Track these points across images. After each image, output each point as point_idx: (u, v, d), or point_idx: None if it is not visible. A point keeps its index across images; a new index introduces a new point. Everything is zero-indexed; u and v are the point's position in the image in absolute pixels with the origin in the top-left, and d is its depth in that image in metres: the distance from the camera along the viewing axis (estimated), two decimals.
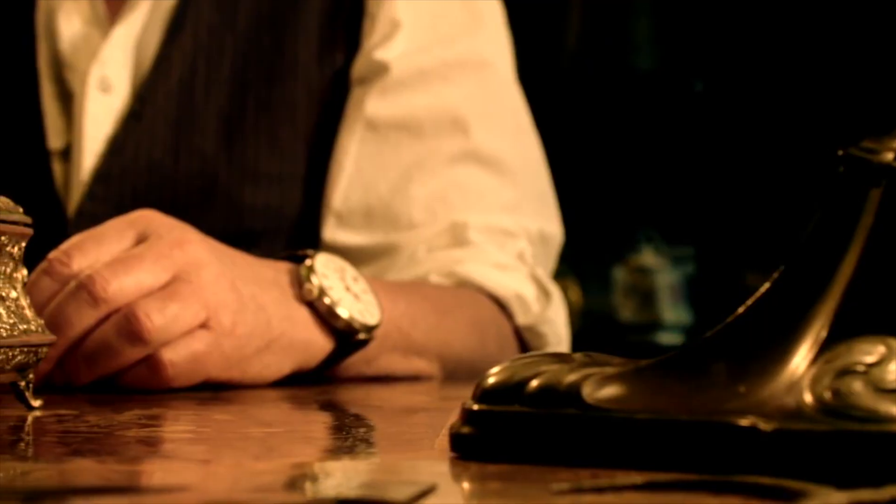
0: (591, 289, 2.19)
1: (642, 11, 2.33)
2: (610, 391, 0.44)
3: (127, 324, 0.77)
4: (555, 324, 1.07)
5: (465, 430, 0.46)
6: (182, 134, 1.07)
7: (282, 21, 1.09)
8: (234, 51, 1.08)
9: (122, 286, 0.78)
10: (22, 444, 0.57)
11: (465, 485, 0.39)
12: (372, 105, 1.08)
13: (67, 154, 1.08)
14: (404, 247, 1.06)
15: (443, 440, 0.54)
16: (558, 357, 0.46)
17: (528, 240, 1.09)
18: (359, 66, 1.09)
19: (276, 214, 1.08)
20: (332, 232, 1.07)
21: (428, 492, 0.38)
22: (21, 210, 0.66)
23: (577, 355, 0.46)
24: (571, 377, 0.44)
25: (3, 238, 0.63)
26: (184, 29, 1.07)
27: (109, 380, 0.80)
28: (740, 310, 0.44)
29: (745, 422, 0.41)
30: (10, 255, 0.65)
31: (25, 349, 0.63)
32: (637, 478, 0.38)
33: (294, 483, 0.40)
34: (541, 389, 0.44)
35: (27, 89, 1.08)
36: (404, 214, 1.07)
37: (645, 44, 2.33)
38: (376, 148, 1.08)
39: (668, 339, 2.20)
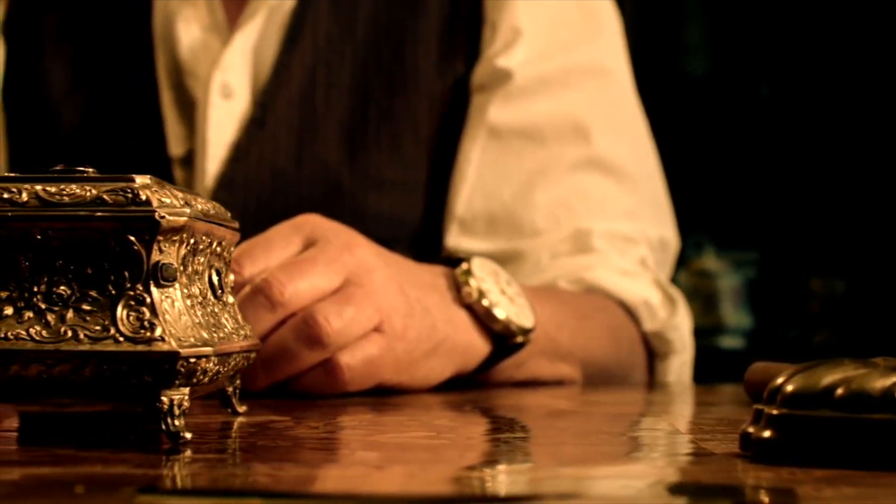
0: None
1: (694, 15, 2.34)
2: None
3: (306, 327, 0.77)
4: (681, 330, 1.07)
5: (767, 434, 0.47)
6: (305, 141, 1.07)
7: (401, 30, 1.09)
8: (354, 60, 1.08)
9: (297, 290, 0.78)
10: (252, 450, 0.58)
11: (824, 491, 0.40)
12: (495, 112, 1.08)
13: (188, 161, 1.08)
14: (528, 253, 1.06)
15: (715, 445, 0.55)
16: (858, 362, 0.47)
17: (649, 246, 1.10)
18: (480, 74, 1.10)
19: (399, 222, 1.08)
20: (455, 239, 1.08)
21: (792, 497, 0.38)
22: (229, 215, 0.66)
23: (879, 360, 0.47)
24: (883, 382, 0.45)
25: (223, 242, 0.64)
26: (302, 37, 1.07)
27: (282, 384, 0.80)
28: None
29: None
30: (225, 259, 0.65)
31: (244, 354, 0.63)
32: None
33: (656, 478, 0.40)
34: (851, 394, 0.45)
35: (147, 96, 1.08)
36: (528, 221, 1.07)
37: (697, 48, 2.33)
38: (499, 155, 1.08)
39: (730, 343, 2.21)
